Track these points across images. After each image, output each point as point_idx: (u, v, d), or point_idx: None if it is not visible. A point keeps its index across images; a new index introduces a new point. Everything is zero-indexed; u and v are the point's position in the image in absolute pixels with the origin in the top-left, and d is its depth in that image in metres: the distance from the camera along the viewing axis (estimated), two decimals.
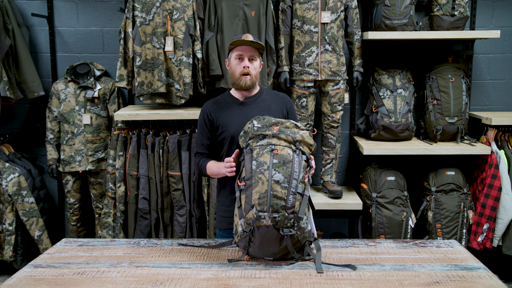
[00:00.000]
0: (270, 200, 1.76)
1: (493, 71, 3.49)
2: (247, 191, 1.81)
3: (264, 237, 1.79)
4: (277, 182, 1.78)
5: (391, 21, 3.08)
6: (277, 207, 1.76)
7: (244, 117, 2.10)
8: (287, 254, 1.84)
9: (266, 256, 1.85)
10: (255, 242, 1.82)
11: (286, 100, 2.24)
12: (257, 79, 2.16)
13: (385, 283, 1.67)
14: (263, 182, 1.79)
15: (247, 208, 1.80)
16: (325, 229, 3.58)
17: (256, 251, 1.85)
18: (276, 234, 1.78)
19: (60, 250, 2.02)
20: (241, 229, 1.82)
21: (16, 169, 3.23)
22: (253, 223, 1.78)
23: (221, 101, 2.20)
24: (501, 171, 3.08)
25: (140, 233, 3.09)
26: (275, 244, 1.80)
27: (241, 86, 2.12)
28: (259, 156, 1.83)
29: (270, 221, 1.76)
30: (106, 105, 3.34)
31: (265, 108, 2.16)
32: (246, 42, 2.06)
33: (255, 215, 1.77)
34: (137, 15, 3.01)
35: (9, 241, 3.23)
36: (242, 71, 2.09)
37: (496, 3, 3.41)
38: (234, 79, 2.13)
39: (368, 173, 3.22)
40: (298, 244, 1.83)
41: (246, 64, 2.08)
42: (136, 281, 1.70)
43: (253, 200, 1.79)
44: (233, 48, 2.12)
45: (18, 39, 3.25)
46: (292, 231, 1.77)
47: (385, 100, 3.18)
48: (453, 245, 2.05)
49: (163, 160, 3.03)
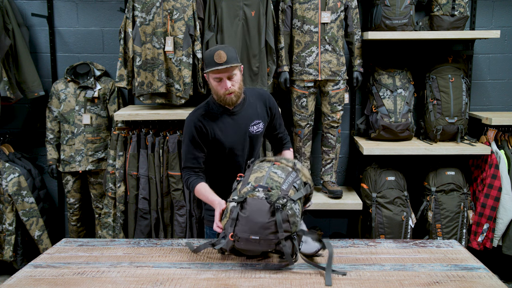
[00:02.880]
0: (266, 179, 1.81)
1: (493, 71, 3.49)
2: (245, 177, 1.87)
3: (255, 208, 1.72)
4: (275, 172, 1.85)
5: (391, 21, 3.08)
6: (272, 185, 1.79)
7: (237, 126, 2.10)
8: (275, 234, 1.71)
9: (252, 233, 1.70)
10: (244, 213, 1.72)
11: (266, 98, 2.19)
12: (242, 89, 2.07)
13: (385, 283, 1.67)
14: (261, 171, 1.86)
15: (242, 187, 1.81)
16: (325, 229, 3.58)
17: (243, 227, 1.72)
18: (268, 206, 1.72)
19: (60, 250, 2.02)
20: (232, 204, 1.76)
21: (16, 169, 3.23)
22: (246, 194, 1.76)
23: (210, 112, 2.09)
24: (501, 171, 3.08)
25: (140, 233, 3.09)
26: (264, 215, 1.71)
27: (228, 103, 2.04)
28: (260, 166, 1.92)
29: (263, 194, 1.75)
30: (106, 105, 3.34)
31: (253, 113, 2.13)
32: (220, 69, 1.95)
33: (249, 188, 1.78)
34: (137, 15, 3.01)
35: (9, 241, 3.23)
36: (224, 92, 1.99)
37: (496, 3, 3.41)
38: (219, 98, 2.04)
39: (368, 173, 3.22)
40: (287, 227, 1.73)
41: (227, 86, 1.98)
42: (136, 281, 1.70)
43: (249, 179, 1.83)
44: (208, 72, 1.99)
45: (18, 39, 3.25)
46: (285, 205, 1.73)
47: (385, 100, 3.18)
48: (453, 245, 2.05)
49: (163, 160, 3.03)
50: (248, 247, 1.75)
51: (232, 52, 1.97)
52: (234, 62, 1.97)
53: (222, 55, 1.93)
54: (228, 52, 1.95)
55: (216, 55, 1.93)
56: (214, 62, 1.94)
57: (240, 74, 2.05)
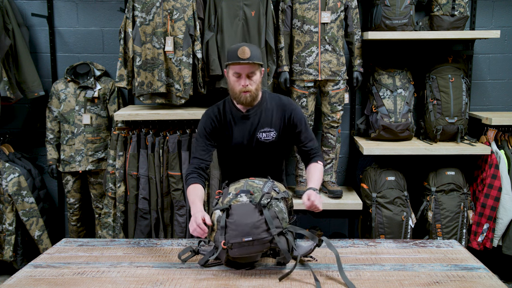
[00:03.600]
0: (246, 186, 1.83)
1: (493, 71, 3.49)
2: (224, 191, 1.90)
3: (241, 211, 1.72)
4: (253, 181, 1.88)
5: (391, 21, 3.08)
6: (253, 190, 1.81)
7: (246, 130, 2.11)
8: (267, 231, 1.70)
9: (244, 235, 1.68)
10: (232, 219, 1.71)
11: (287, 108, 2.13)
12: (259, 91, 2.07)
13: (385, 283, 1.67)
14: (239, 183, 1.90)
15: (223, 199, 1.83)
16: (325, 229, 3.58)
17: (233, 232, 1.69)
18: (253, 207, 1.73)
19: (60, 250, 2.02)
20: (218, 213, 1.76)
21: (16, 169, 3.23)
22: (229, 202, 1.77)
23: (224, 112, 2.12)
24: (501, 171, 3.08)
25: (140, 233, 3.09)
26: (252, 215, 1.70)
27: (241, 102, 2.04)
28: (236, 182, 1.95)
29: (246, 198, 1.77)
30: (106, 105, 3.35)
31: (266, 119, 2.11)
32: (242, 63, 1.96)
33: (231, 196, 1.80)
34: (137, 15, 3.01)
35: (9, 241, 3.23)
36: (241, 89, 2.00)
37: (496, 3, 3.41)
38: (234, 95, 2.05)
39: (368, 173, 3.22)
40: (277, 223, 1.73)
41: (244, 83, 1.98)
42: (136, 281, 1.70)
43: (229, 191, 1.85)
44: (229, 64, 2.00)
45: (18, 39, 3.25)
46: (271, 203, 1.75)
47: (385, 100, 3.18)
48: (453, 245, 2.05)
49: (163, 160, 3.03)
50: (242, 252, 1.71)
51: (256, 51, 1.99)
52: (257, 60, 1.98)
53: (246, 51, 1.94)
54: (253, 50, 1.97)
55: (240, 50, 1.95)
56: (237, 57, 1.95)
57: (260, 76, 2.05)
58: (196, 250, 1.91)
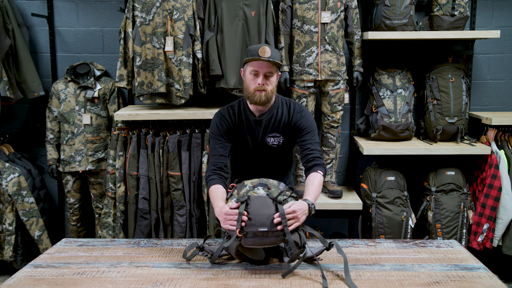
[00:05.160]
0: (262, 181, 1.88)
1: (493, 71, 3.49)
2: (239, 185, 1.92)
3: (259, 203, 1.76)
4: (267, 179, 1.92)
5: (391, 21, 3.08)
6: (270, 185, 1.86)
7: (256, 134, 2.13)
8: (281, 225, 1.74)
9: (260, 225, 1.72)
10: (249, 208, 1.75)
11: (295, 112, 2.13)
12: (274, 94, 2.07)
13: (385, 283, 1.67)
14: (253, 180, 1.93)
15: (239, 190, 1.86)
16: (325, 229, 3.58)
17: (249, 221, 1.73)
18: (270, 201, 1.78)
19: (60, 250, 2.02)
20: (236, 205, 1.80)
21: (16, 169, 3.23)
22: (247, 193, 1.81)
23: (238, 114, 2.14)
24: (501, 171, 3.08)
25: (140, 233, 3.09)
26: (269, 208, 1.76)
27: (255, 101, 2.04)
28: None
29: (264, 191, 1.82)
30: (106, 105, 3.35)
31: (275, 124, 2.12)
32: (262, 60, 1.98)
33: (248, 188, 1.84)
34: (137, 15, 3.01)
35: (9, 241, 3.23)
36: (256, 88, 2.01)
37: (496, 3, 3.41)
38: (248, 94, 2.05)
39: (368, 173, 3.22)
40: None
41: (260, 82, 2.00)
42: (136, 281, 1.70)
43: (245, 183, 1.88)
44: (248, 61, 2.02)
45: (18, 39, 3.25)
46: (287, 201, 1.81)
47: (385, 100, 3.18)
48: (453, 245, 2.05)
49: (163, 160, 3.03)
50: (255, 242, 1.74)
51: (276, 53, 2.03)
52: (276, 59, 2.00)
53: (267, 50, 1.98)
54: (273, 51, 2.01)
55: (261, 48, 1.98)
56: (257, 54, 1.98)
57: (276, 80, 2.07)
58: (201, 247, 1.92)
